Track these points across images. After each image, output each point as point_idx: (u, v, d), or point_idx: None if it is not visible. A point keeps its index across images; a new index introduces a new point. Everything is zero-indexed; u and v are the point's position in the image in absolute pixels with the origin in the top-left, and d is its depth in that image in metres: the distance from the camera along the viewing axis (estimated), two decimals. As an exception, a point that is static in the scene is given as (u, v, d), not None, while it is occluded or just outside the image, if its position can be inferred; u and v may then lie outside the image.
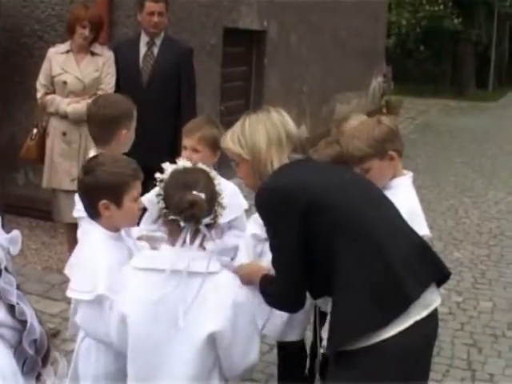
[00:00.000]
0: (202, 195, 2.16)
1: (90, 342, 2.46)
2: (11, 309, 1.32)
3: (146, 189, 3.22)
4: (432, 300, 2.28)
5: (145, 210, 3.07)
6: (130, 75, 5.01)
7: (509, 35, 27.46)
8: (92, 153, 3.20)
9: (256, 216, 3.10)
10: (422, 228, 2.70)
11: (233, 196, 3.16)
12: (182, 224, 2.16)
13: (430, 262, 2.33)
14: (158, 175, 2.30)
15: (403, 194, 2.78)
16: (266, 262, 2.66)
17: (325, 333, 2.83)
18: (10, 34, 6.13)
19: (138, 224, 3.04)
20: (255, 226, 3.13)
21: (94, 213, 2.49)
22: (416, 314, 2.20)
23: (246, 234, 3.21)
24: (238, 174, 2.56)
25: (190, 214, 2.14)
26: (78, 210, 3.02)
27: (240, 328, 2.20)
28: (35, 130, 5.05)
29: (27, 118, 6.05)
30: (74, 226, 3.33)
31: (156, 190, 2.31)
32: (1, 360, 1.30)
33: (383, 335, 2.16)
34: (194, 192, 2.17)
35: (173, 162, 3.37)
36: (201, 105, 5.43)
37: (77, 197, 3.21)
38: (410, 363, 2.22)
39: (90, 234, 2.52)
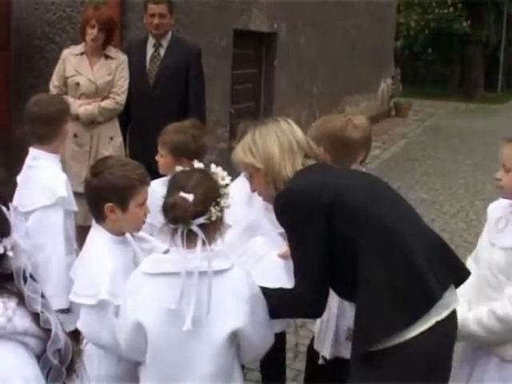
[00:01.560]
0: (190, 196, 2.14)
1: (93, 346, 2.44)
2: (36, 317, 1.31)
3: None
4: (452, 300, 2.29)
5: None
6: (138, 77, 5.02)
7: (518, 36, 27.38)
8: (31, 150, 3.21)
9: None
10: None
11: None
12: (171, 226, 2.17)
13: (450, 262, 2.34)
14: None
15: None
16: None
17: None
18: (21, 36, 6.13)
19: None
20: None
21: (99, 215, 2.47)
22: (437, 314, 2.20)
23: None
24: (252, 186, 2.55)
25: (171, 215, 2.14)
26: None
27: (258, 318, 2.23)
28: (46, 131, 5.05)
29: (38, 120, 6.04)
30: (84, 229, 3.32)
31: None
32: (27, 368, 1.28)
33: (406, 335, 2.17)
34: (182, 193, 2.15)
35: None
36: (211, 107, 5.41)
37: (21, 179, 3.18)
38: (432, 363, 2.22)
39: (94, 237, 2.51)
